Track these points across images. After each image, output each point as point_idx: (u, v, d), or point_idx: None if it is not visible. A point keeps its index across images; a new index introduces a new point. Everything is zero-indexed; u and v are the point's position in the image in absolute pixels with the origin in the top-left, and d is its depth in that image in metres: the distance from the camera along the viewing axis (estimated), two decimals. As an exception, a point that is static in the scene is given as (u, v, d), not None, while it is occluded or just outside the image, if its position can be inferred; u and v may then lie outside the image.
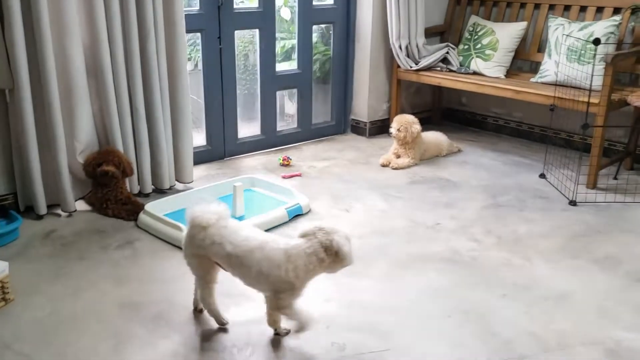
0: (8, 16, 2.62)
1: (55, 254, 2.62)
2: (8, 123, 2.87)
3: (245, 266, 1.91)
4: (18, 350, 1.96)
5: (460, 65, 4.29)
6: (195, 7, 3.61)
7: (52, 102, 2.82)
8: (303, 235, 1.90)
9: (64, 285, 2.36)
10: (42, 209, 2.94)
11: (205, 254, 1.97)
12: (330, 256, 1.85)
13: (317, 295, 2.30)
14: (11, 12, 2.61)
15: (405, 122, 3.78)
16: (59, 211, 3.03)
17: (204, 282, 2.04)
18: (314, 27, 4.24)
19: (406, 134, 3.75)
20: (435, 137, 4.05)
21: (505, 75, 4.13)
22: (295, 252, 1.87)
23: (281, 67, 4.26)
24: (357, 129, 4.56)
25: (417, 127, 3.78)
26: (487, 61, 4.16)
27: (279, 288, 1.89)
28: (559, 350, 2.00)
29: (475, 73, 4.20)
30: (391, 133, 3.83)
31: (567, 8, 4.02)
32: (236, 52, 3.83)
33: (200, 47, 3.70)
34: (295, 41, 4.25)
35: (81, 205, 3.11)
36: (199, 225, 1.94)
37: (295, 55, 4.29)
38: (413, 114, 4.26)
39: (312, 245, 1.86)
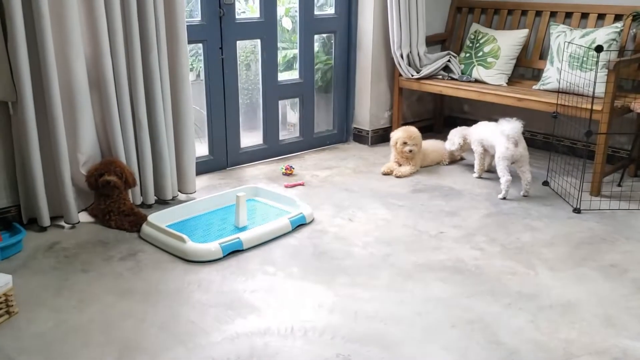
0: (11, 28, 2.63)
1: (58, 266, 2.62)
2: (11, 135, 2.88)
3: None
4: (22, 363, 1.96)
5: (462, 73, 4.29)
6: (197, 18, 3.62)
7: (55, 114, 2.82)
8: None
9: (67, 297, 2.36)
10: (46, 221, 2.94)
11: None
12: None
13: (321, 306, 2.29)
14: (14, 25, 2.62)
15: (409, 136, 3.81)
16: (62, 223, 3.03)
17: None
18: (316, 36, 4.25)
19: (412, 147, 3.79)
20: (435, 145, 4.06)
21: (507, 83, 4.13)
22: None
23: (283, 76, 4.27)
24: (360, 137, 4.56)
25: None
26: (488, 69, 4.16)
27: None
28: (565, 359, 1.98)
29: (477, 81, 4.20)
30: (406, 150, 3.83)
31: (568, 15, 4.02)
32: (238, 62, 3.83)
33: (202, 58, 3.71)
34: (296, 51, 4.26)
35: (84, 217, 3.11)
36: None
37: (297, 65, 4.30)
38: (415, 122, 4.27)
39: None
